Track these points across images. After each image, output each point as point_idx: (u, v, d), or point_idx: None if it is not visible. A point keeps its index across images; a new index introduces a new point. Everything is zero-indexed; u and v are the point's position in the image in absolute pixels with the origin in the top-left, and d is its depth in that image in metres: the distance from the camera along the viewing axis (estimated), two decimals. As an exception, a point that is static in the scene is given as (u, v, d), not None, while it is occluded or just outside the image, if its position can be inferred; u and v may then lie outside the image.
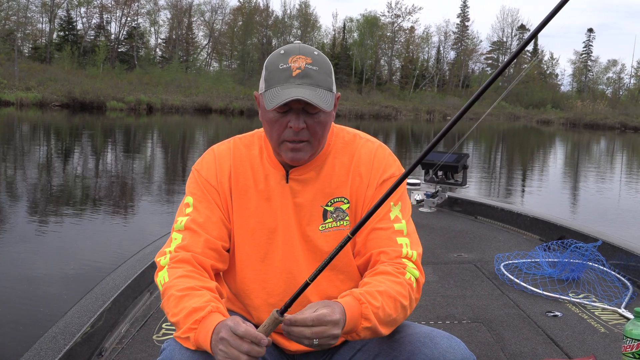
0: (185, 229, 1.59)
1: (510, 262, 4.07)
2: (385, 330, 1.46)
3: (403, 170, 1.67)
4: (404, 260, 1.55)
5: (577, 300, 3.42)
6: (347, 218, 1.63)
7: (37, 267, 5.73)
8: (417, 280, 1.54)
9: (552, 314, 3.20)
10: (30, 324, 4.26)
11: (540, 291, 3.53)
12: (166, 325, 2.91)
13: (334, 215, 1.63)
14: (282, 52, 1.55)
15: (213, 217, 1.61)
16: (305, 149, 1.55)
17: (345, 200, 1.63)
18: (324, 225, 1.63)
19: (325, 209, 1.63)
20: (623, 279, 3.72)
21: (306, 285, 1.34)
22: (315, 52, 1.54)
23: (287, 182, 1.63)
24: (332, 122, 1.67)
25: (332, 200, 1.63)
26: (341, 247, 1.36)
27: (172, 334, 1.47)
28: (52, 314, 4.41)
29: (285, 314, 1.33)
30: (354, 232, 1.36)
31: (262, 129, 1.69)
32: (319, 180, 1.63)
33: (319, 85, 1.50)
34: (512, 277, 3.76)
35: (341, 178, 1.64)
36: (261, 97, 1.56)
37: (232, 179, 1.65)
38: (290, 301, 1.34)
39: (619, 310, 3.24)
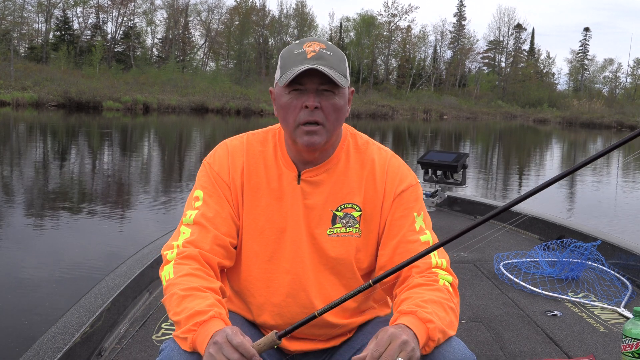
0: (195, 224, 1.58)
1: (509, 261, 4.07)
2: (452, 331, 1.44)
3: (418, 180, 1.69)
4: (434, 269, 1.54)
5: (577, 299, 3.42)
6: (357, 225, 1.62)
7: (28, 268, 5.69)
8: (451, 284, 1.54)
9: (551, 314, 3.20)
10: (17, 328, 4.24)
11: (540, 290, 3.54)
12: (166, 325, 2.90)
13: (344, 221, 1.62)
14: (296, 41, 1.58)
15: (223, 213, 1.60)
16: (320, 132, 1.54)
17: (357, 208, 1.62)
18: (332, 230, 1.62)
19: (335, 214, 1.62)
20: (622, 278, 3.72)
21: (313, 317, 1.35)
22: (329, 43, 1.58)
23: (298, 183, 1.63)
24: (346, 125, 1.68)
25: (342, 206, 1.62)
26: (359, 291, 1.37)
27: (171, 334, 1.46)
28: (40, 319, 4.38)
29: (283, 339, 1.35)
30: (376, 282, 1.38)
31: (275, 126, 1.70)
32: (331, 184, 1.63)
33: (332, 67, 1.51)
34: (511, 277, 3.76)
35: (353, 184, 1.63)
36: (276, 87, 1.57)
37: (245, 176, 1.64)
38: (292, 328, 1.34)
39: (618, 310, 3.25)
